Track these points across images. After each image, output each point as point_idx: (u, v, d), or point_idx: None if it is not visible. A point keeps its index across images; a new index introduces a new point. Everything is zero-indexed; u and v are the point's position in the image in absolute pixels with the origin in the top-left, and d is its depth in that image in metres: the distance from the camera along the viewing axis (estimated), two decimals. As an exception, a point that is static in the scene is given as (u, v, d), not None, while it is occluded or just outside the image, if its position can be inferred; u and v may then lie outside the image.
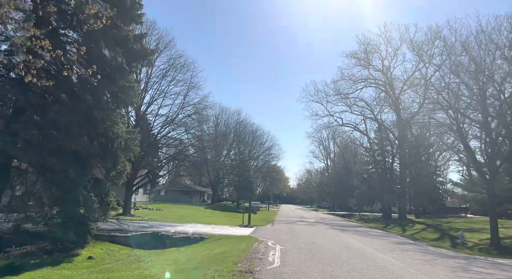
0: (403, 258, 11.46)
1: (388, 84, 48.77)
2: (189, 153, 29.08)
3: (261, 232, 18.26)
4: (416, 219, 45.18)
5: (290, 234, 17.82)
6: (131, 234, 15.75)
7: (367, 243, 15.74)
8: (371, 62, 48.98)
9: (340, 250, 12.71)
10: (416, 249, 14.97)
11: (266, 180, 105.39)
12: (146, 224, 20.09)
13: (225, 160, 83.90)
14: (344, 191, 71.11)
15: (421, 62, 43.14)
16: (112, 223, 19.56)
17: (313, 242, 14.62)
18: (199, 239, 15.63)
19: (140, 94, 27.30)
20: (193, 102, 27.39)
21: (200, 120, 27.88)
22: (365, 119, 52.61)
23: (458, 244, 23.50)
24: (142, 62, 13.37)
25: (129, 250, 14.23)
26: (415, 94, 45.90)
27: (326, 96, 49.83)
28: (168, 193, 75.96)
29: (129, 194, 26.16)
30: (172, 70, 27.51)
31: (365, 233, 21.43)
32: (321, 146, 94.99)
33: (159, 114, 27.53)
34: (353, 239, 16.97)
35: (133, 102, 13.24)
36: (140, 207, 37.76)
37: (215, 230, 18.59)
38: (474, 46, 33.87)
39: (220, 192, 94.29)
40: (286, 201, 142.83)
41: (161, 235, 15.92)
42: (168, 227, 18.98)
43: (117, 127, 12.11)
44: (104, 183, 12.52)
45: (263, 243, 13.80)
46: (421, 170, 52.53)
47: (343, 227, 25.88)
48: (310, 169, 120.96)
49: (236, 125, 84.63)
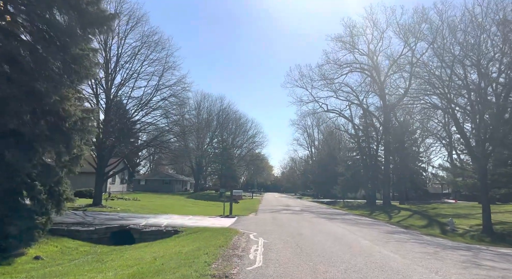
0: (403, 251, 10.08)
1: (374, 69, 47.61)
2: (167, 139, 26.98)
3: (243, 223, 16.68)
4: (401, 205, 44.82)
5: (274, 225, 16.32)
6: (94, 228, 13.86)
7: (359, 233, 14.39)
8: (356, 46, 47.63)
9: (331, 243, 11.25)
10: (412, 239, 13.72)
11: (250, 168, 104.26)
12: (116, 216, 18.18)
13: (207, 147, 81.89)
14: (329, 178, 70.60)
15: (407, 46, 42.06)
16: (76, 215, 17.58)
17: (300, 234, 13.13)
18: (172, 232, 13.91)
19: (111, 75, 25.00)
20: (169, 84, 25.27)
21: (178, 104, 25.79)
22: (350, 105, 51.51)
23: (448, 231, 22.66)
24: (100, 28, 11.28)
25: (90, 247, 12.38)
26: (401, 79, 45.12)
27: (311, 81, 48.32)
28: (148, 182, 73.45)
29: (99, 182, 24.07)
30: (145, 48, 25.26)
31: (354, 222, 20.20)
32: (305, 133, 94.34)
33: (132, 97, 25.31)
34: (342, 229, 15.62)
35: (89, 74, 11.18)
36: (116, 197, 35.58)
37: (192, 222, 16.90)
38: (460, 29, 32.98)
39: (203, 181, 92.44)
40: (271, 189, 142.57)
41: (129, 229, 14.10)
42: (140, 219, 17.15)
43: (68, 103, 10.10)
44: (55, 169, 10.55)
45: (244, 236, 12.21)
46: (405, 156, 52.19)
47: (329, 215, 24.66)
48: (294, 157, 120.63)
49: (219, 112, 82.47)
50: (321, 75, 47.73)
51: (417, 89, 41.31)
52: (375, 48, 46.45)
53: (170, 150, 27.77)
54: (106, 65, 24.86)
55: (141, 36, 25.29)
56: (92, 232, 13.67)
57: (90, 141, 11.89)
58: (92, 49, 11.43)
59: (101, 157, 24.17)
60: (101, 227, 13.99)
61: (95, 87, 24.31)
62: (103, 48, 24.54)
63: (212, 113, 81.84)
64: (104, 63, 24.76)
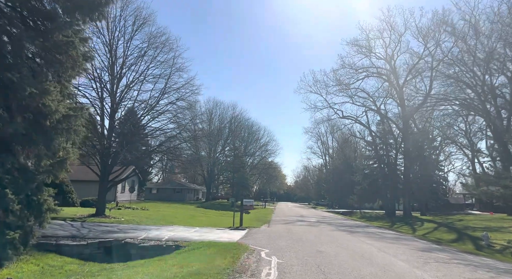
0: (452, 278, 8.10)
1: (391, 73, 45.47)
2: (175, 145, 25.48)
3: (254, 237, 14.85)
4: (422, 217, 42.09)
5: (289, 239, 14.44)
6: (86, 243, 12.27)
7: (388, 250, 12.39)
8: (373, 50, 45.65)
9: (360, 264, 9.34)
10: (453, 258, 11.62)
11: (263, 177, 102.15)
12: (115, 228, 16.60)
13: (219, 156, 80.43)
14: (344, 187, 68.00)
15: (427, 50, 39.92)
16: (72, 227, 16.08)
17: (320, 252, 11.24)
18: (173, 248, 12.19)
19: (116, 77, 23.81)
20: (176, 87, 23.89)
21: (186, 107, 24.35)
22: (367, 111, 49.26)
23: (483, 247, 20.28)
24: (91, 15, 9.88)
25: (78, 265, 10.76)
26: (421, 83, 42.92)
27: (325, 86, 46.43)
28: (160, 191, 72.42)
29: (103, 191, 22.65)
30: (152, 49, 24.01)
31: (378, 236, 18.09)
32: (319, 141, 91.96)
33: (138, 100, 24.01)
34: (368, 245, 13.62)
35: (76, 66, 9.74)
36: (123, 207, 34.25)
37: (197, 235, 15.17)
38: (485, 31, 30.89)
39: (215, 190, 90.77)
40: (283, 199, 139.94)
41: (125, 243, 12.45)
42: (141, 231, 15.52)
43: (49, 98, 8.62)
44: (33, 175, 9.06)
45: (255, 254, 10.41)
46: (425, 164, 49.55)
47: (349, 228, 22.54)
48: (307, 166, 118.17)
49: (231, 120, 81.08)
50: (336, 80, 45.92)
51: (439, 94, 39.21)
52: (393, 52, 44.38)
53: (176, 156, 26.20)
54: (111, 68, 23.73)
55: (148, 37, 24.16)
56: (84, 247, 12.07)
57: (76, 143, 10.32)
58: (81, 38, 10.00)
59: (105, 164, 22.82)
60: (93, 241, 12.38)
61: (100, 91, 23.15)
62: (108, 50, 23.46)
63: (224, 120, 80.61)
64: (109, 65, 23.65)
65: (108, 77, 23.63)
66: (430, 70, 39.37)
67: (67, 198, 29.27)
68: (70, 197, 29.86)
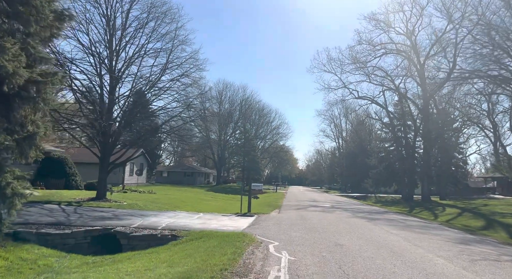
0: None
1: (412, 49, 42.39)
2: (179, 125, 23.80)
3: (262, 225, 13.16)
4: (442, 201, 39.92)
5: (302, 228, 12.70)
6: (70, 231, 10.76)
7: (420, 243, 10.53)
8: (392, 25, 42.48)
9: (390, 262, 7.53)
10: (502, 254, 9.68)
11: (274, 161, 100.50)
12: (111, 213, 15.15)
13: (230, 139, 78.90)
14: (358, 171, 65.85)
15: (451, 23, 36.68)
16: (63, 212, 14.68)
17: (339, 245, 9.46)
18: (169, 238, 10.59)
19: (115, 51, 22.04)
20: (179, 62, 21.97)
21: (190, 84, 22.49)
22: (384, 91, 46.46)
23: (519, 236, 18.27)
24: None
25: (56, 259, 9.26)
26: (444, 60, 39.83)
27: (340, 65, 43.73)
28: (171, 174, 71.90)
29: (103, 173, 21.27)
30: (153, 20, 22.03)
31: (402, 224, 16.21)
32: (333, 124, 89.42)
33: (138, 77, 22.22)
34: (395, 236, 11.77)
35: (40, 19, 7.94)
36: (129, 190, 33.16)
37: (200, 222, 13.58)
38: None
39: (226, 174, 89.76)
40: (295, 183, 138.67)
41: (115, 232, 10.89)
42: (138, 217, 14.01)
43: (5, 57, 6.92)
44: (-10, 152, 7.46)
45: (262, 248, 8.70)
46: (445, 147, 46.91)
47: (368, 214, 20.68)
48: (320, 149, 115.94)
49: (242, 102, 78.99)
50: (352, 58, 43.09)
51: (464, 70, 36.26)
52: (413, 26, 41.15)
53: (180, 136, 24.50)
54: (109, 41, 21.93)
55: (148, 7, 22.12)
56: (68, 236, 10.56)
57: (47, 114, 8.64)
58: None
59: (105, 144, 21.37)
60: (79, 230, 10.86)
61: (98, 67, 21.46)
62: (105, 22, 21.60)
63: (234, 103, 78.65)
64: (107, 39, 21.84)
65: (106, 52, 21.88)
66: (454, 46, 36.42)
67: (70, 181, 28.18)
68: (74, 179, 28.76)
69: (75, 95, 19.85)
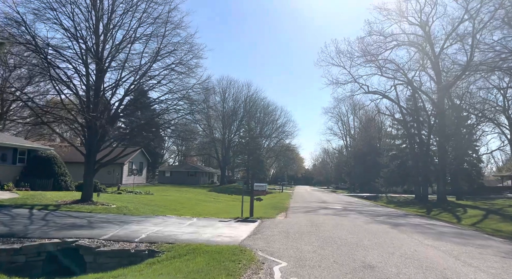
0: None
1: (426, 41, 39.59)
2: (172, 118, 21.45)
3: (266, 235, 10.72)
4: (459, 202, 37.18)
5: (315, 239, 10.26)
6: (20, 246, 8.44)
7: (471, 260, 8.06)
8: (404, 14, 39.71)
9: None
10: None
11: (280, 160, 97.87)
12: (86, 220, 12.81)
13: (234, 137, 76.53)
14: (367, 170, 63.04)
15: (468, 13, 33.89)
16: (26, 219, 12.38)
17: (370, 266, 7.01)
18: (145, 255, 8.22)
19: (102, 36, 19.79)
20: (172, 48, 19.59)
21: (186, 73, 20.13)
22: (396, 85, 43.58)
23: None
24: None
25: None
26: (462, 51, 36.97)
27: (350, 58, 40.89)
28: (174, 174, 69.76)
29: (89, 173, 19.04)
30: (144, 2, 19.70)
31: (432, 230, 13.66)
32: (340, 121, 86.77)
33: (126, 66, 19.89)
34: (433, 249, 9.29)
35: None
36: (125, 191, 30.92)
37: (190, 230, 11.19)
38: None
39: (231, 173, 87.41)
40: (301, 182, 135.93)
41: (77, 247, 8.54)
42: (115, 225, 11.64)
43: None
44: None
45: (264, 273, 6.30)
46: (461, 144, 44.04)
47: (387, 218, 18.11)
48: (327, 148, 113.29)
49: (246, 99, 76.50)
50: (362, 50, 40.25)
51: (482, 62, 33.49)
52: (427, 16, 38.34)
53: (178, 132, 22.15)
54: (95, 26, 19.68)
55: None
56: (16, 252, 8.24)
57: None
58: None
59: (90, 141, 19.13)
60: (32, 244, 8.53)
61: (85, 55, 19.20)
62: (91, 3, 19.35)
63: (238, 100, 76.20)
64: (92, 23, 19.58)
65: (92, 38, 19.63)
66: (471, 36, 33.64)
67: (59, 181, 25.97)
68: (64, 179, 26.53)
69: (53, 83, 17.64)
